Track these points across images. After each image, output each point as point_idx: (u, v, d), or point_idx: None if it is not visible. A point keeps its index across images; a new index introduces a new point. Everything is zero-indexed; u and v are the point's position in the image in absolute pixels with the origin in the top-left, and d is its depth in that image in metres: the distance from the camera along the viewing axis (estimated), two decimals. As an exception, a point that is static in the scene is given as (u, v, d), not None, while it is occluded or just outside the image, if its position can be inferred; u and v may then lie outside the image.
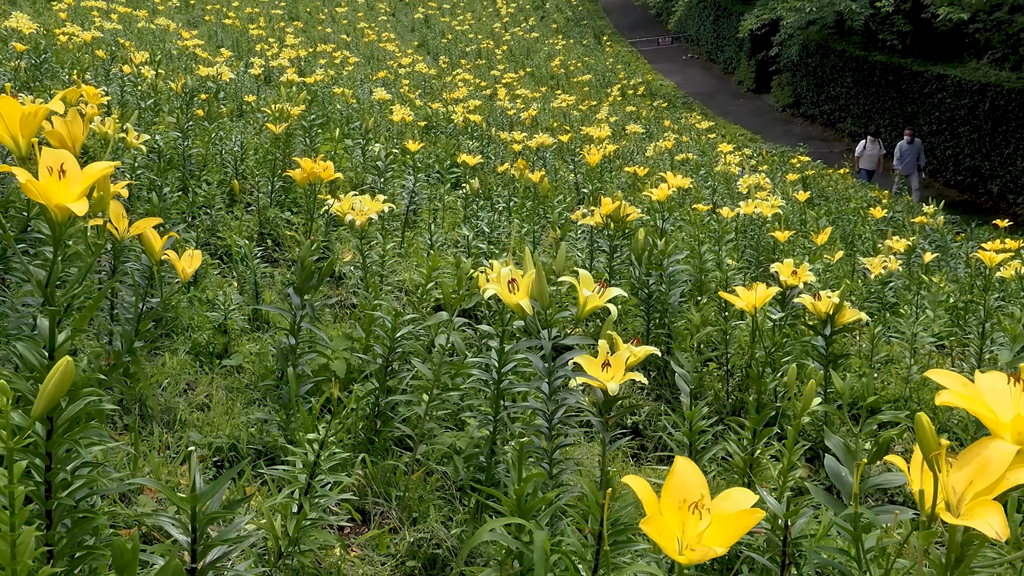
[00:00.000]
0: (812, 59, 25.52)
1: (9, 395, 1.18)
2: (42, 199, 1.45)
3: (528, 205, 6.20)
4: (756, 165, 14.36)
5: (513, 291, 2.13)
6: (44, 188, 1.45)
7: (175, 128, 6.81)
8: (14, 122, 1.49)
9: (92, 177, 1.47)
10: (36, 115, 1.50)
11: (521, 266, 2.42)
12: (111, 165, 1.49)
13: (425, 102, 13.82)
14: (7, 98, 1.48)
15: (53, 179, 1.44)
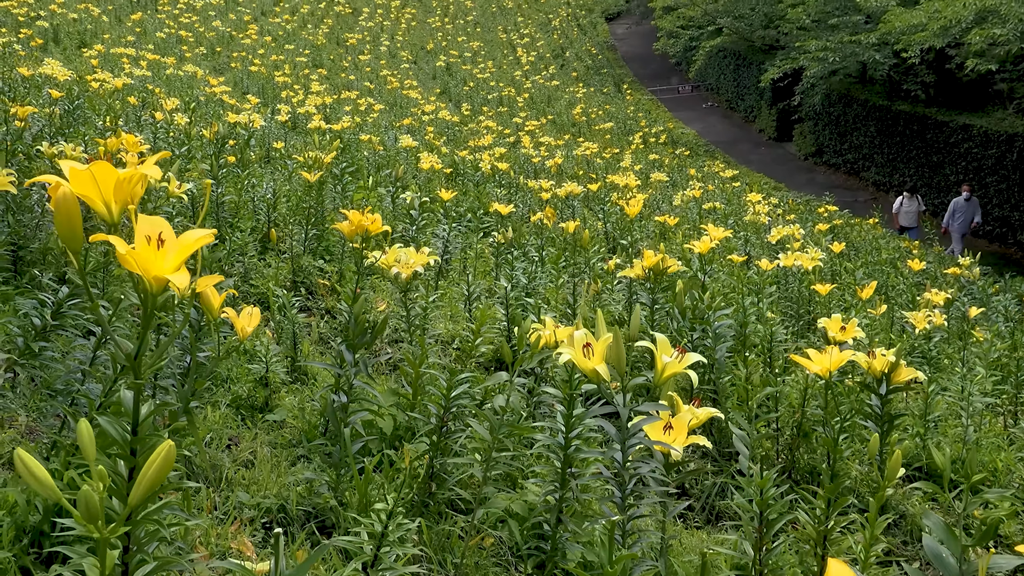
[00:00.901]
0: (835, 108, 25.54)
1: (106, 482, 1.10)
2: (140, 270, 1.38)
3: (565, 255, 6.13)
4: (783, 214, 14.27)
5: (588, 356, 2.04)
6: (143, 259, 1.37)
7: (208, 175, 6.80)
8: (108, 188, 1.42)
9: (190, 247, 1.40)
10: (131, 180, 1.43)
11: (566, 319, 2.34)
12: (209, 233, 1.41)
13: (451, 149, 13.85)
14: (103, 163, 1.41)
15: (151, 249, 1.37)
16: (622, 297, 5.75)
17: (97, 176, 1.40)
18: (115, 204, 1.43)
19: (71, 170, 1.40)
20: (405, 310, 3.98)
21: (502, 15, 44.39)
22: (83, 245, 1.44)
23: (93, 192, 1.41)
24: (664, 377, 2.06)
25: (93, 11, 26.07)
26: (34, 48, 18.25)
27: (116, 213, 1.43)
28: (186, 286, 1.36)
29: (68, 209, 1.38)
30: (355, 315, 2.75)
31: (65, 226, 1.39)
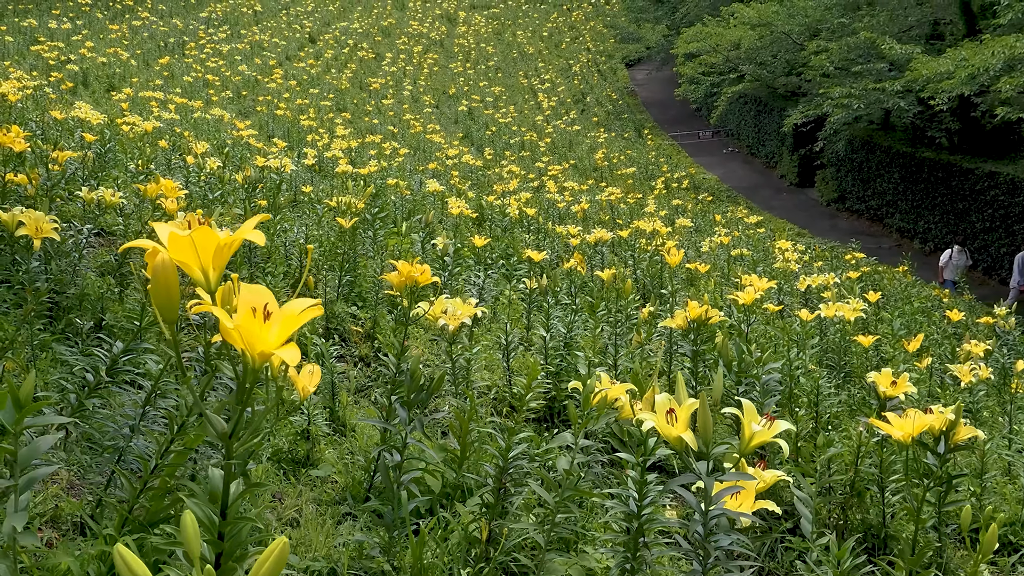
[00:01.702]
0: (857, 154, 25.49)
1: (215, 582, 1.01)
2: (244, 345, 1.29)
3: (603, 304, 6.04)
4: (810, 261, 14.16)
5: (671, 422, 1.94)
6: (248, 333, 1.29)
7: (241, 220, 6.76)
8: (208, 254, 1.35)
9: (296, 319, 1.31)
10: (231, 246, 1.36)
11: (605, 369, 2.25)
12: (316, 304, 1.33)
13: (477, 194, 13.84)
14: (206, 229, 1.34)
15: (256, 322, 1.29)
16: (659, 346, 5.65)
17: (198, 242, 1.32)
18: (213, 271, 1.35)
19: (171, 236, 1.32)
20: (451, 361, 3.89)
21: (523, 60, 44.75)
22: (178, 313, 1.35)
23: (191, 258, 1.34)
24: (751, 446, 1.96)
25: (122, 55, 26.42)
26: (64, 91, 18.46)
27: (214, 280, 1.36)
28: (298, 362, 1.27)
29: (167, 278, 1.31)
30: (411, 372, 2.66)
31: (163, 296, 1.31)
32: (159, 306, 1.32)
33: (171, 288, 1.32)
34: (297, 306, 1.33)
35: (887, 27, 22.10)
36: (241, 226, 1.37)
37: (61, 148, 5.46)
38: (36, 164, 6.90)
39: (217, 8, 40.62)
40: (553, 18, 52.70)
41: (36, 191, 5.42)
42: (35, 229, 3.75)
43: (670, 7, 42.16)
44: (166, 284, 1.31)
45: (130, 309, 4.96)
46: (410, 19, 48.01)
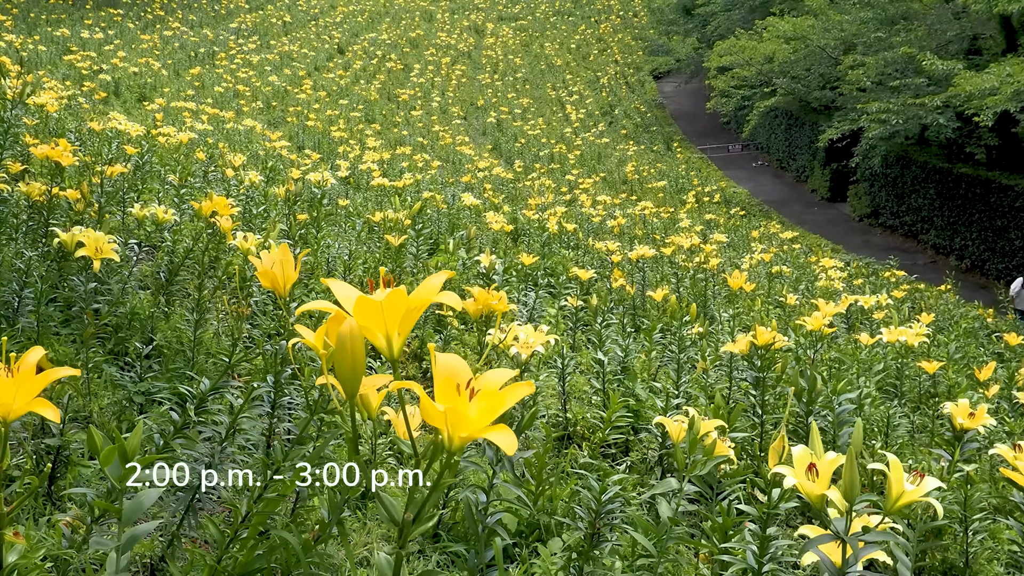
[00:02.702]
0: (892, 169, 25.20)
1: None
2: (447, 426, 1.14)
3: (659, 327, 5.88)
4: (850, 278, 13.92)
5: (811, 478, 1.79)
6: (455, 415, 1.12)
7: (286, 236, 6.67)
8: (396, 319, 1.20)
9: (505, 398, 1.14)
10: (420, 309, 1.22)
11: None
12: (513, 376, 1.19)
13: (513, 208, 13.71)
14: (399, 292, 1.19)
15: (462, 400, 1.13)
16: (723, 374, 5.48)
17: (387, 307, 1.17)
18: (398, 337, 1.21)
19: (359, 301, 1.18)
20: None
21: (551, 72, 44.68)
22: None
23: (376, 324, 1.19)
24: (899, 505, 1.80)
25: (153, 65, 26.53)
26: (97, 101, 18.50)
27: (397, 347, 1.21)
28: (516, 448, 1.12)
29: (354, 347, 1.16)
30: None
31: (348, 368, 1.17)
32: (342, 378, 1.18)
33: (358, 360, 1.17)
34: (500, 377, 1.18)
35: (925, 42, 21.82)
36: (425, 285, 1.23)
37: (111, 162, 5.36)
38: (82, 178, 6.83)
39: (247, 19, 40.81)
40: (581, 30, 52.62)
41: (84, 205, 5.32)
42: (95, 250, 3.64)
43: (700, 20, 41.95)
44: (352, 356, 1.16)
45: (179, 329, 4.86)
46: (438, 30, 48.07)
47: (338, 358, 1.16)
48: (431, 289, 1.21)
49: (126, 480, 1.48)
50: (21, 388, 1.33)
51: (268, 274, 2.18)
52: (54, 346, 4.33)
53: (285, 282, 2.20)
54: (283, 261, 2.19)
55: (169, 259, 5.49)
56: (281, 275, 2.17)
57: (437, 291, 1.21)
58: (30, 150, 6.33)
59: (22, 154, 7.18)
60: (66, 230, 5.09)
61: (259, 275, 2.21)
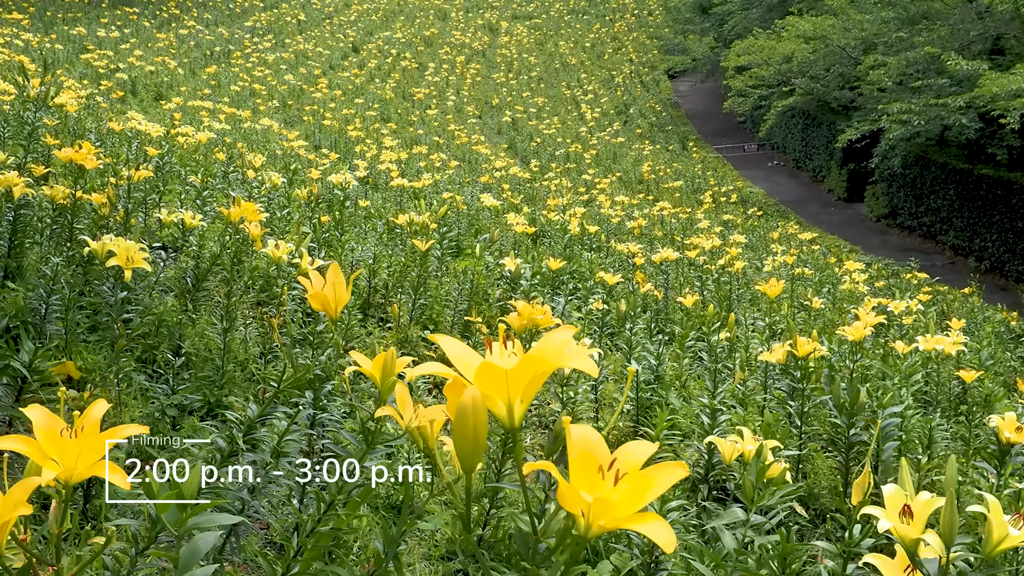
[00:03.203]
0: (911, 170, 24.99)
1: None
2: (586, 515, 1.03)
3: (692, 334, 5.77)
4: (871, 281, 13.77)
5: (904, 520, 1.68)
6: (601, 505, 1.02)
7: (310, 240, 6.58)
8: (521, 385, 1.08)
9: (656, 483, 1.01)
10: (548, 373, 1.11)
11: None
12: (655, 450, 1.08)
13: (532, 209, 13.61)
14: (532, 359, 1.07)
15: (605, 485, 1.01)
16: (758, 384, 5.37)
17: (513, 375, 1.06)
18: (521, 404, 1.10)
19: (483, 369, 1.06)
20: (563, 406, 3.64)
21: (565, 71, 44.55)
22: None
23: (499, 391, 1.08)
24: (999, 549, 1.69)
25: (169, 64, 26.52)
26: (115, 100, 18.48)
27: (519, 416, 1.11)
28: (673, 548, 1.01)
29: (476, 420, 1.06)
30: (556, 432, 2.41)
31: (470, 442, 1.06)
32: (462, 453, 1.07)
33: (480, 433, 1.07)
34: (641, 452, 1.06)
35: (947, 42, 21.59)
36: (551, 345, 1.12)
37: (136, 165, 5.28)
38: (103, 180, 6.75)
39: (261, 17, 40.81)
40: (595, 28, 52.46)
41: (109, 210, 5.24)
42: (126, 259, 3.55)
43: (717, 19, 41.72)
44: (475, 429, 1.06)
45: (207, 336, 4.78)
46: (452, 29, 48.00)
47: (458, 431, 1.05)
48: (557, 348, 1.10)
49: (183, 525, 1.39)
50: (85, 448, 1.21)
51: (319, 296, 2.09)
52: (83, 354, 4.25)
53: (337, 304, 2.10)
54: (335, 283, 2.10)
55: (195, 263, 5.42)
56: (333, 297, 2.08)
57: (564, 351, 1.10)
58: (53, 153, 6.26)
59: (43, 155, 7.11)
60: (93, 236, 5.01)
61: (310, 298, 2.12)
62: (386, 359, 1.83)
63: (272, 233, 7.14)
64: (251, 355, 4.82)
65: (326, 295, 2.08)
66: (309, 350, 4.84)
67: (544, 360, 1.07)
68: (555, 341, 1.11)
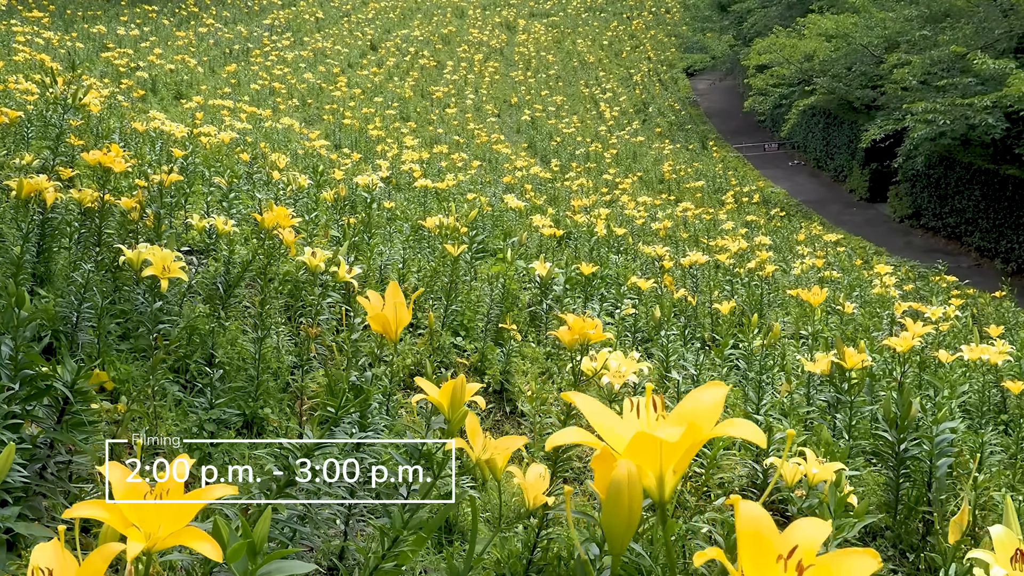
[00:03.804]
0: (935, 170, 24.71)
1: None
2: None
3: (731, 343, 5.63)
4: (899, 283, 13.58)
5: (1018, 568, 1.56)
6: None
7: (336, 242, 6.49)
8: (677, 454, 0.97)
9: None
10: (704, 441, 0.99)
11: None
12: (828, 529, 0.97)
13: (558, 210, 13.49)
14: (695, 429, 0.96)
15: None
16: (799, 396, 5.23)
17: (668, 445, 0.95)
18: (673, 475, 0.99)
19: (638, 440, 0.95)
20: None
21: (583, 70, 44.38)
22: None
23: (652, 462, 0.97)
24: None
25: (189, 62, 26.51)
26: (136, 99, 18.45)
27: (670, 489, 0.99)
28: None
29: (631, 497, 0.95)
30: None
31: (623, 519, 0.95)
32: (614, 530, 0.96)
33: (634, 510, 0.95)
34: (817, 533, 0.94)
35: (972, 40, 21.31)
36: (704, 409, 1.00)
37: (168, 169, 5.19)
38: (128, 180, 6.67)
39: (280, 15, 40.81)
40: (613, 26, 52.26)
41: (139, 214, 5.15)
42: (162, 268, 3.46)
43: (736, 17, 41.45)
44: (630, 506, 0.94)
45: (240, 345, 4.68)
46: (469, 27, 47.89)
47: (611, 509, 0.94)
48: (712, 412, 0.98)
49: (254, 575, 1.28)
50: (170, 513, 1.09)
51: (380, 318, 1.98)
52: (115, 364, 4.17)
53: (398, 326, 2.00)
54: (396, 303, 1.99)
55: (226, 268, 5.32)
56: (394, 318, 1.97)
57: (718, 415, 0.98)
58: (81, 156, 6.18)
59: (67, 155, 7.04)
60: (123, 241, 4.93)
61: (371, 319, 2.01)
62: (455, 388, 1.72)
63: (300, 235, 7.04)
64: (284, 364, 4.72)
65: (387, 316, 1.97)
66: (343, 359, 4.75)
67: (702, 431, 0.95)
68: (707, 403, 0.99)
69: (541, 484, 2.04)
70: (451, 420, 1.73)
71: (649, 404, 1.03)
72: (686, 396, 1.02)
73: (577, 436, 1.03)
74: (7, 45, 19.82)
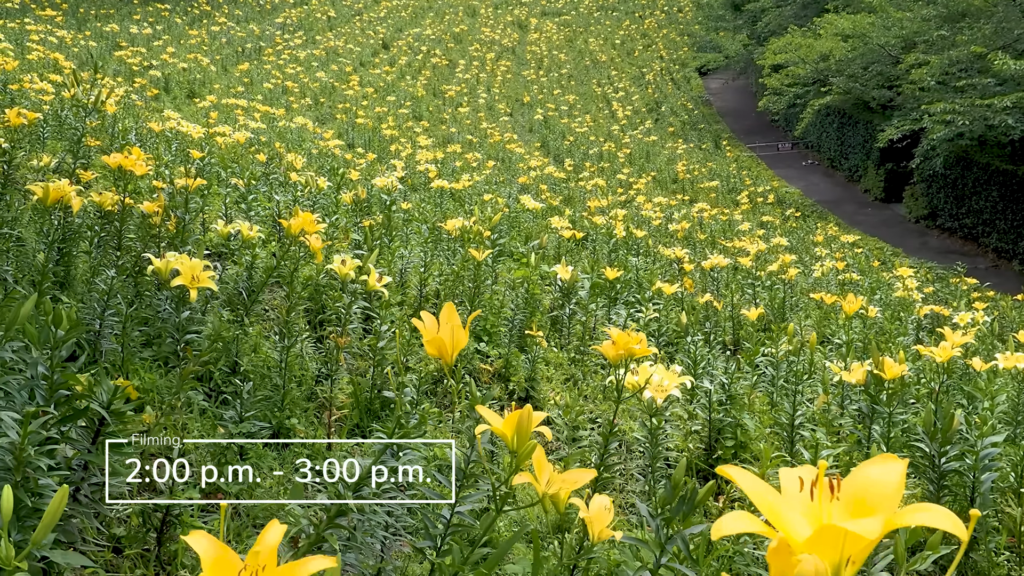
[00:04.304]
0: (952, 171, 24.50)
1: None
2: None
3: (761, 351, 5.53)
4: (920, 286, 13.43)
5: None
6: None
7: (356, 246, 6.41)
8: (860, 543, 0.86)
9: None
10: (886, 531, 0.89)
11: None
12: None
13: (575, 210, 13.39)
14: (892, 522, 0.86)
15: None
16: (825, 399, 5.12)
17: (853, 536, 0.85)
18: (851, 566, 0.88)
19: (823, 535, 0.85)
20: (652, 437, 3.43)
21: (595, 68, 44.23)
22: None
23: (832, 554, 0.86)
24: None
25: (202, 61, 26.48)
26: (149, 98, 18.41)
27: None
28: None
29: None
30: (674, 482, 2.21)
31: None
32: None
33: None
34: None
35: (991, 40, 21.12)
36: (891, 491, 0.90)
37: (190, 173, 5.11)
38: (151, 185, 6.59)
39: (292, 14, 40.78)
40: (625, 25, 52.10)
41: (161, 219, 5.07)
42: (191, 278, 3.37)
43: (750, 16, 41.25)
44: None
45: (264, 352, 4.60)
46: (481, 25, 47.80)
47: None
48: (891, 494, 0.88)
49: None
50: None
51: (436, 341, 1.88)
52: (139, 372, 4.09)
53: (454, 349, 1.90)
54: (453, 326, 1.89)
55: (248, 274, 5.24)
56: (451, 341, 1.88)
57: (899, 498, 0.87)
58: (101, 158, 6.11)
59: (85, 156, 6.96)
60: (144, 246, 4.85)
61: (427, 344, 1.91)
62: (521, 419, 1.63)
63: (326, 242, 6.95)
64: (309, 371, 4.64)
65: (444, 340, 1.87)
66: (369, 367, 4.66)
67: (892, 522, 0.84)
68: (885, 483, 0.89)
69: (606, 517, 1.95)
70: (518, 454, 1.64)
71: (822, 484, 0.92)
72: (854, 471, 0.92)
73: (747, 525, 0.92)
74: (21, 44, 19.79)
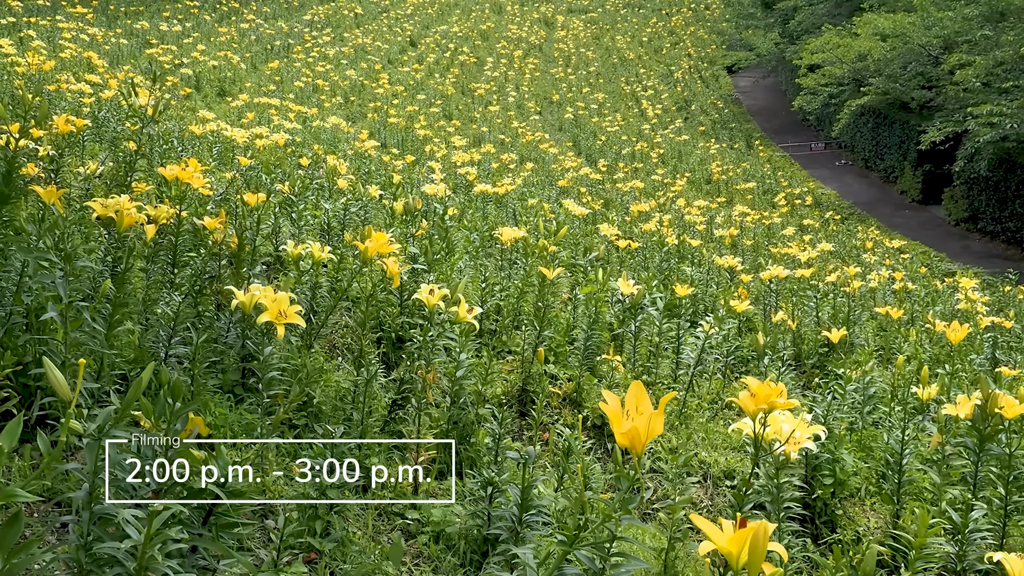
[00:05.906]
0: (994, 173, 23.97)
1: None
2: None
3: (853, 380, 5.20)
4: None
5: None
6: None
7: (413, 260, 6.13)
8: None
9: None
10: None
11: None
12: None
13: (618, 214, 13.08)
14: None
15: None
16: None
17: None
18: None
19: None
20: (776, 489, 3.13)
21: (623, 66, 43.81)
22: None
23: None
24: None
25: (232, 59, 26.30)
26: (183, 98, 18.23)
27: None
28: None
29: None
30: (864, 559, 1.91)
31: None
32: None
33: None
34: None
35: (1034, 41, 20.63)
36: None
37: (268, 192, 4.85)
38: (204, 197, 6.34)
39: (319, 11, 40.60)
40: (652, 23, 51.67)
41: (223, 236, 4.79)
42: (277, 313, 3.10)
43: (781, 15, 40.74)
44: None
45: (336, 383, 4.34)
46: (508, 23, 47.49)
47: None
48: None
49: None
50: None
51: (631, 433, 1.59)
52: (209, 406, 3.84)
53: (647, 439, 1.61)
54: (651, 416, 1.60)
55: (312, 294, 4.98)
56: (645, 431, 1.58)
57: None
58: (158, 171, 5.85)
59: (127, 161, 6.71)
60: (205, 265, 4.58)
61: (618, 436, 1.62)
62: (755, 537, 1.34)
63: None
64: (380, 402, 4.36)
65: (639, 430, 1.58)
66: (448, 400, 4.38)
67: None
68: None
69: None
70: None
71: None
72: None
73: None
74: (53, 42, 19.66)
